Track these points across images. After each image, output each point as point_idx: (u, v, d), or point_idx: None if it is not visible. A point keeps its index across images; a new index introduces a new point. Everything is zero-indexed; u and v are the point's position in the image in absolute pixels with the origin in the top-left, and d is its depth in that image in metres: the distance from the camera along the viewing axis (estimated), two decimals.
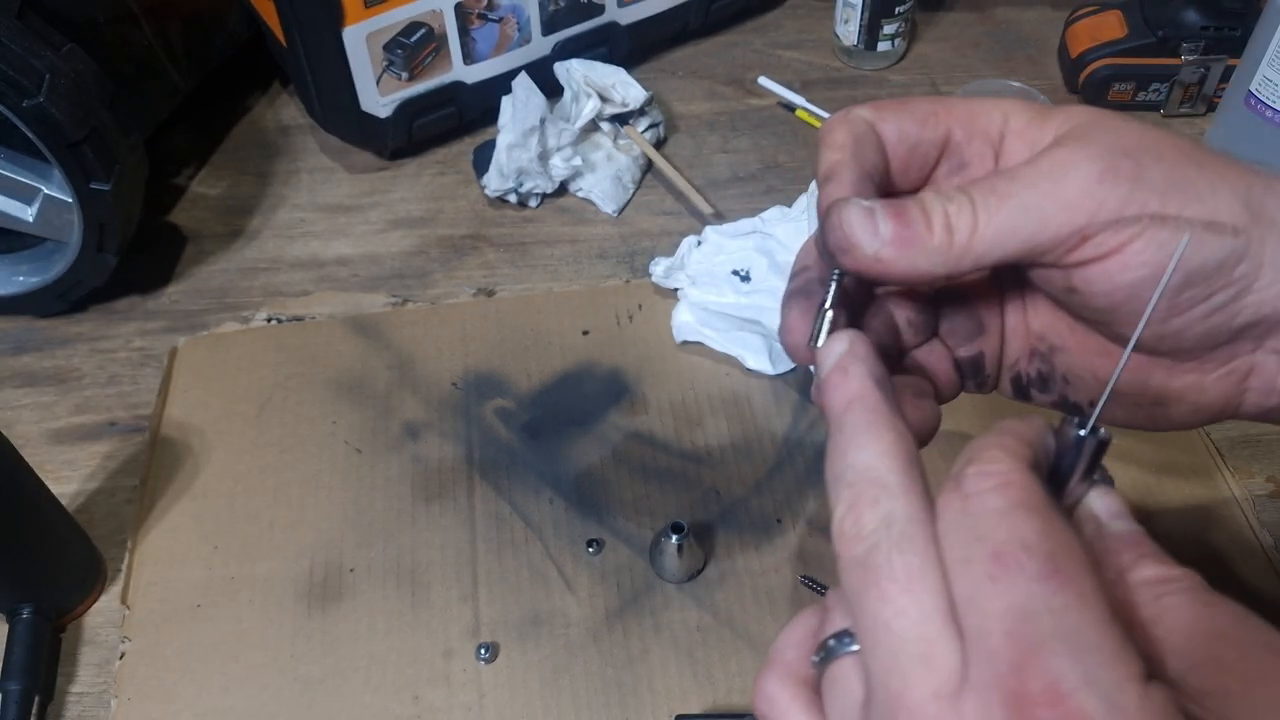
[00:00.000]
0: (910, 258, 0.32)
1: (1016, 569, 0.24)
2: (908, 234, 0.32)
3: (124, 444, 0.69)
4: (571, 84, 0.84)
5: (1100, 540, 0.29)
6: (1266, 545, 0.62)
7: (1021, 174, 0.32)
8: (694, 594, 0.61)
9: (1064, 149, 0.32)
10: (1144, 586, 0.27)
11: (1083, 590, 0.24)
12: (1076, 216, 0.31)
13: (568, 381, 0.71)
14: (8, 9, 0.65)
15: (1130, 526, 0.29)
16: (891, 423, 0.30)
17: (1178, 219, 0.31)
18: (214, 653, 0.59)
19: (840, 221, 0.33)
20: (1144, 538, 0.29)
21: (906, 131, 0.35)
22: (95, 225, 0.71)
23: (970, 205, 0.32)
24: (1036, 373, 0.38)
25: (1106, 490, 0.30)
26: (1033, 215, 0.32)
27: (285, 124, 0.93)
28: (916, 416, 0.36)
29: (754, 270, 0.72)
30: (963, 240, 0.32)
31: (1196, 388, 0.35)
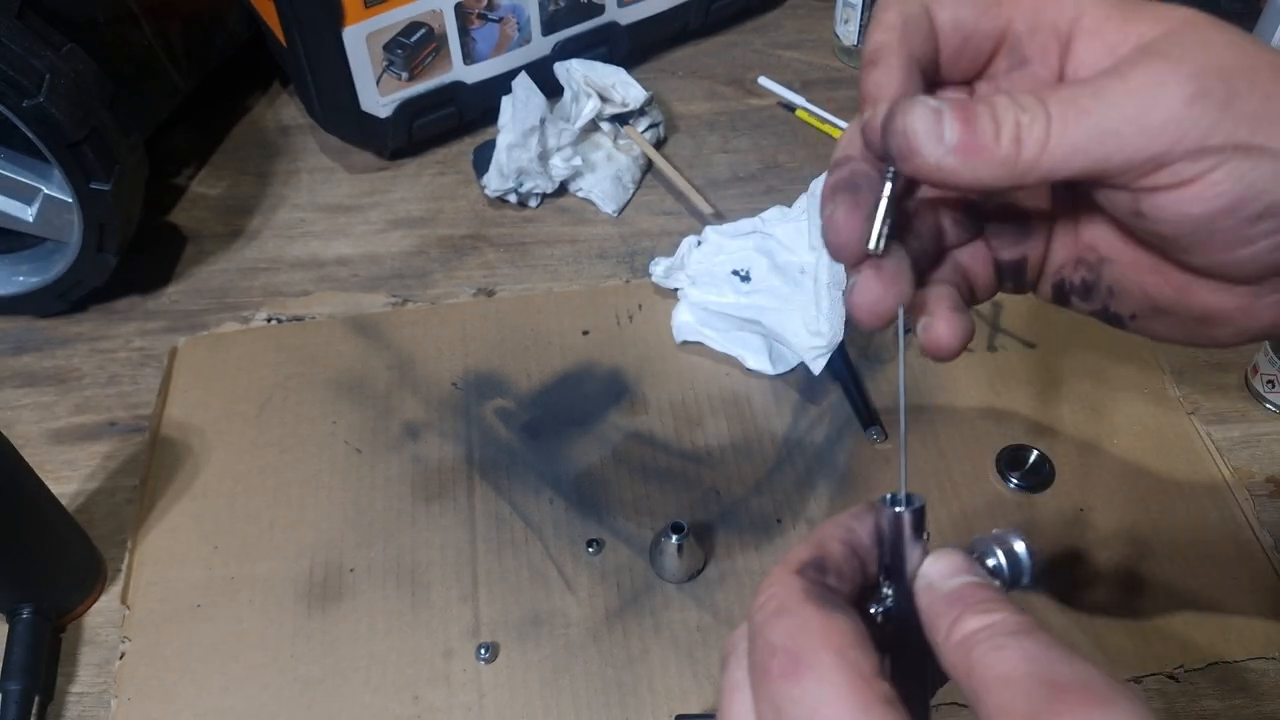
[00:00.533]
0: (974, 168, 0.30)
1: (766, 672, 0.28)
2: (975, 143, 0.30)
3: (124, 444, 0.69)
4: (571, 84, 0.84)
5: (933, 602, 0.30)
6: (1266, 545, 0.62)
7: (1105, 88, 0.30)
8: (694, 594, 0.61)
9: (1152, 65, 0.30)
10: (964, 642, 0.28)
11: (821, 676, 0.27)
12: (1157, 142, 0.29)
13: (568, 381, 0.71)
14: (8, 9, 0.65)
15: (959, 582, 0.30)
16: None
17: (1263, 150, 0.29)
18: (214, 653, 0.59)
19: (905, 125, 0.31)
20: (969, 589, 0.30)
21: (962, 19, 0.33)
22: (95, 225, 0.71)
23: (1045, 117, 0.30)
24: (1081, 281, 0.37)
25: (939, 554, 0.31)
26: (1110, 137, 0.29)
27: (285, 124, 0.93)
28: (948, 332, 0.35)
29: (754, 270, 0.72)
30: (1031, 155, 0.30)
31: (1247, 311, 0.33)
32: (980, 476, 0.65)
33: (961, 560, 0.31)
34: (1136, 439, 0.67)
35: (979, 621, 0.28)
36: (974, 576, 0.30)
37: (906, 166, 0.31)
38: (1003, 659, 0.27)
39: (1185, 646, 0.58)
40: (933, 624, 0.30)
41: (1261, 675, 0.57)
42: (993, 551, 0.32)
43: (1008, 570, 0.32)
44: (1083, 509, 0.64)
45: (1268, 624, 0.58)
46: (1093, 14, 0.32)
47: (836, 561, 0.31)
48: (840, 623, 0.29)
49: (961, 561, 0.31)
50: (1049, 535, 0.62)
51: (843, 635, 0.28)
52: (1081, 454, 0.66)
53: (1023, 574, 0.32)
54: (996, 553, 0.32)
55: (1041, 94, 0.30)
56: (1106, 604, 0.59)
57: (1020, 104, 0.30)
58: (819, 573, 0.31)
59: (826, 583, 0.31)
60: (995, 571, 0.32)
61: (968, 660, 0.28)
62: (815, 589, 0.30)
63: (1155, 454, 0.66)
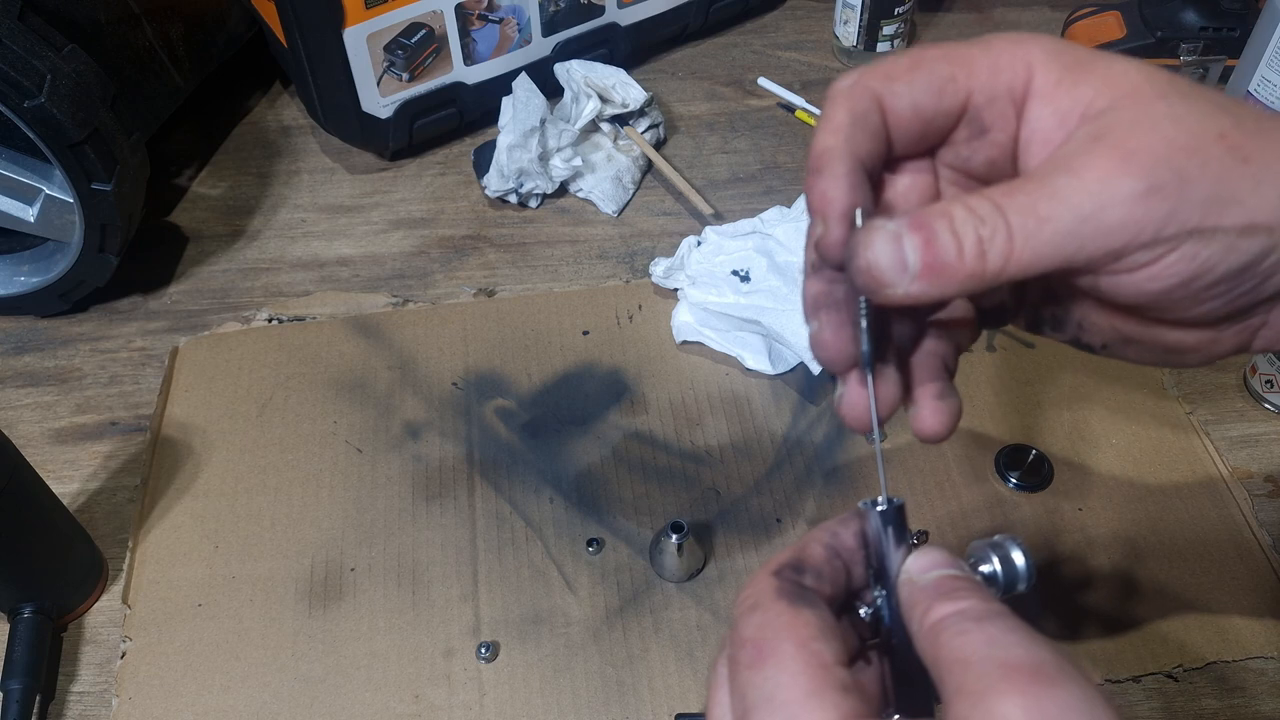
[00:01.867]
0: (941, 286, 0.31)
1: (736, 663, 0.30)
2: (939, 264, 0.30)
3: (125, 444, 0.69)
4: (572, 85, 0.84)
5: (912, 594, 0.31)
6: (1265, 545, 0.62)
7: (1061, 191, 0.30)
8: (694, 593, 0.61)
9: (1103, 159, 0.30)
10: (933, 627, 0.29)
11: (781, 664, 0.29)
12: (1114, 240, 0.30)
13: (568, 381, 0.71)
14: (9, 10, 0.65)
15: (936, 574, 0.31)
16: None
17: (1214, 230, 0.30)
18: (215, 652, 0.59)
19: (868, 262, 0.31)
20: (945, 580, 0.31)
21: (921, 105, 0.33)
22: (96, 225, 0.71)
23: (1006, 229, 0.30)
24: (1052, 315, 0.38)
25: (921, 551, 0.32)
26: (1069, 240, 0.30)
27: (286, 124, 0.93)
28: (935, 421, 0.36)
29: (754, 270, 0.72)
30: (996, 266, 0.31)
31: (1212, 341, 0.35)
32: (980, 476, 0.65)
33: (941, 555, 0.32)
34: (1135, 439, 0.67)
35: (949, 607, 0.29)
36: (952, 569, 0.31)
37: (876, 299, 0.32)
38: (964, 642, 0.28)
39: (1184, 646, 0.58)
40: (909, 614, 0.31)
41: (1260, 675, 0.57)
42: (988, 557, 0.33)
43: (1002, 577, 0.32)
44: (1081, 508, 0.64)
45: (1266, 623, 0.59)
46: (1043, 75, 0.33)
47: (816, 563, 0.33)
48: (805, 616, 0.30)
49: (941, 557, 0.32)
50: (1048, 535, 0.62)
51: (806, 627, 0.30)
52: (1080, 454, 0.66)
53: (1018, 580, 0.33)
54: (992, 559, 0.33)
55: (999, 200, 0.31)
56: (1105, 603, 0.60)
57: (979, 215, 0.30)
58: (796, 572, 0.32)
59: (803, 582, 0.32)
60: (990, 577, 0.33)
61: (935, 645, 0.29)
62: (788, 587, 0.31)
63: (1154, 454, 0.66)
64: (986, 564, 0.33)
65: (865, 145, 0.33)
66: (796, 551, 0.33)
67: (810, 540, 0.33)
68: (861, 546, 0.33)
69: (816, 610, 0.31)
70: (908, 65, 0.33)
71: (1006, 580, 0.32)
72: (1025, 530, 0.63)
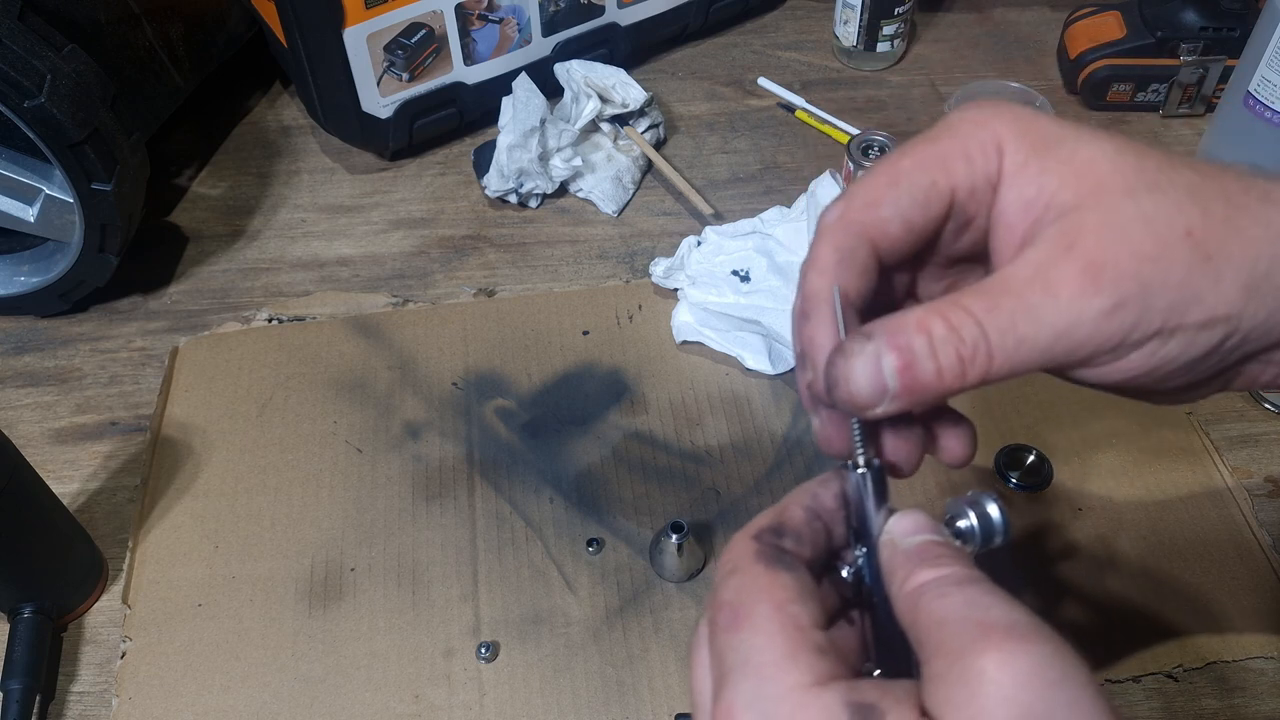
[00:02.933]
0: (921, 399, 0.32)
1: (714, 625, 0.31)
2: (918, 383, 0.31)
3: (125, 444, 0.69)
4: (572, 85, 0.84)
5: (893, 558, 0.31)
6: (1265, 545, 0.62)
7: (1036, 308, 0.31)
8: (694, 593, 0.61)
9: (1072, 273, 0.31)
10: (914, 591, 0.30)
11: (758, 626, 0.30)
12: (1083, 349, 0.32)
13: (568, 381, 0.71)
14: (9, 10, 0.65)
15: (919, 539, 0.31)
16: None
17: (1176, 328, 0.32)
18: (215, 652, 0.59)
19: (850, 392, 0.32)
20: (928, 546, 0.31)
21: (911, 220, 0.34)
22: (96, 225, 0.71)
23: (987, 348, 0.31)
24: None
25: (902, 514, 0.32)
26: (1044, 354, 0.32)
27: (286, 124, 0.93)
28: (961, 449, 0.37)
29: (754, 270, 0.72)
30: (976, 378, 0.32)
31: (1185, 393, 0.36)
32: (979, 476, 0.65)
33: (924, 519, 0.32)
34: (1135, 439, 0.67)
35: (930, 574, 0.30)
36: (934, 535, 0.32)
37: (864, 419, 0.33)
38: (944, 604, 0.29)
39: (1184, 646, 0.58)
40: (890, 578, 0.31)
41: (1260, 675, 0.57)
42: (965, 513, 0.33)
43: (979, 530, 0.33)
44: (1081, 509, 0.64)
45: (1266, 623, 0.59)
46: (1011, 156, 0.33)
47: (796, 525, 0.33)
48: (783, 579, 0.31)
49: (924, 521, 0.32)
50: (1048, 535, 0.62)
51: (784, 590, 0.30)
52: (1080, 454, 0.66)
53: (995, 533, 0.33)
54: (969, 514, 0.33)
55: (981, 317, 0.31)
56: (1105, 603, 0.60)
57: (961, 333, 0.31)
58: (775, 536, 0.33)
59: (782, 545, 0.32)
60: (967, 532, 0.33)
61: (914, 608, 0.29)
62: (766, 550, 0.32)
63: (1154, 454, 0.66)
64: (963, 519, 0.33)
65: (854, 283, 0.34)
66: (776, 514, 0.34)
67: (790, 503, 0.34)
68: (842, 507, 0.34)
69: (794, 573, 0.31)
70: (886, 183, 0.34)
71: (984, 534, 0.33)
72: (1025, 530, 0.63)
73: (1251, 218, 0.32)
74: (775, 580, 0.31)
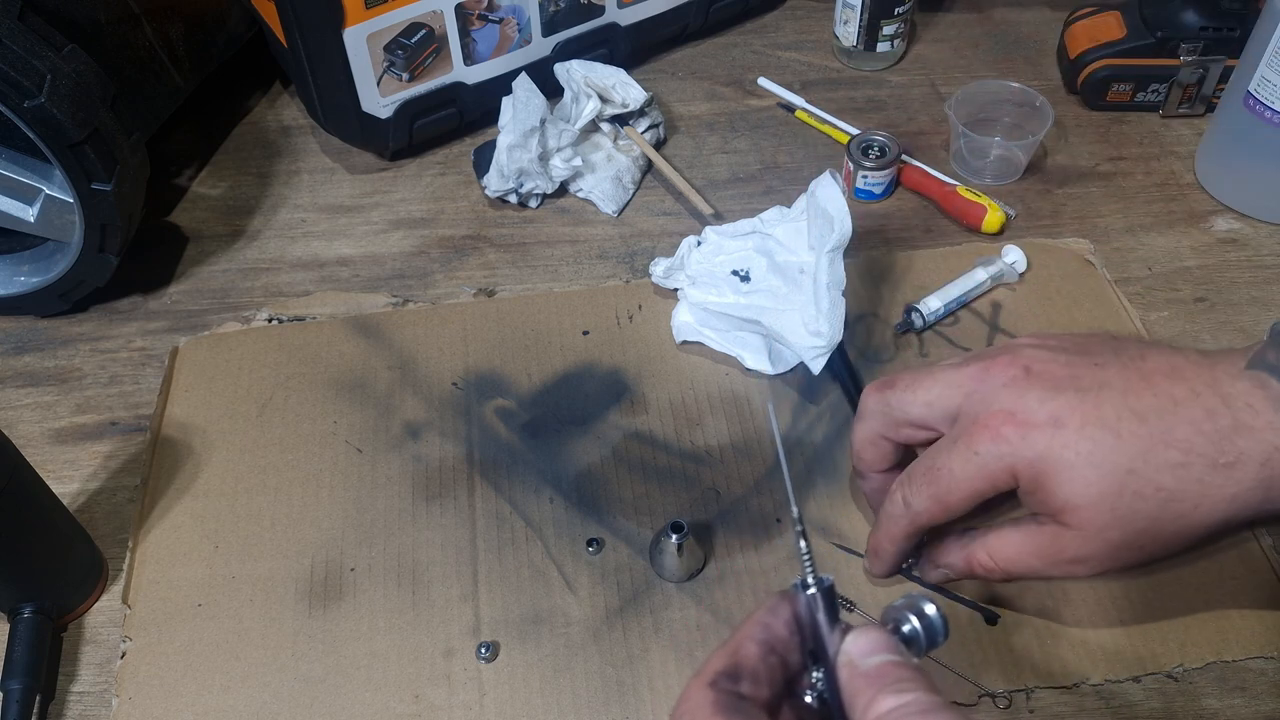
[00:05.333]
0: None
1: None
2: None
3: (125, 444, 0.69)
4: (572, 85, 0.84)
5: (853, 680, 0.32)
6: (1265, 545, 0.62)
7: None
8: (694, 593, 0.61)
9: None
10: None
11: None
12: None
13: (568, 381, 0.71)
14: (9, 10, 0.65)
15: (878, 660, 0.32)
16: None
17: None
18: (215, 652, 0.59)
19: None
20: (889, 667, 0.31)
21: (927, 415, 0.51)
22: (96, 225, 0.71)
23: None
24: None
25: (860, 632, 0.33)
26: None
27: (286, 124, 0.93)
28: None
29: (754, 270, 0.72)
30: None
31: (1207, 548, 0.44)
32: None
33: (880, 638, 0.32)
34: None
35: (893, 701, 0.30)
36: (893, 655, 0.32)
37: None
38: None
39: (1184, 646, 0.58)
40: (852, 701, 0.31)
41: (1260, 675, 0.57)
42: (906, 618, 0.34)
43: (923, 635, 0.34)
44: None
45: (1266, 623, 0.59)
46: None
47: (752, 665, 0.33)
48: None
49: (881, 639, 0.32)
50: None
51: None
52: None
53: (937, 635, 0.34)
54: (910, 619, 0.34)
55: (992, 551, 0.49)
56: (1105, 603, 0.59)
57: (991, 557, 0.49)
58: (732, 681, 0.32)
59: (739, 691, 0.32)
60: (911, 637, 0.34)
61: None
62: (724, 699, 0.32)
63: None
64: (905, 624, 0.34)
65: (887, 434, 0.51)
66: (729, 655, 0.33)
67: (743, 639, 0.34)
68: (795, 633, 0.34)
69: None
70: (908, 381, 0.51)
71: (927, 638, 0.34)
72: None
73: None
74: None
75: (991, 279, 0.75)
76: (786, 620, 0.34)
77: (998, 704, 0.56)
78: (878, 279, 0.77)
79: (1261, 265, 0.77)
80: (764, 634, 0.34)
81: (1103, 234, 0.80)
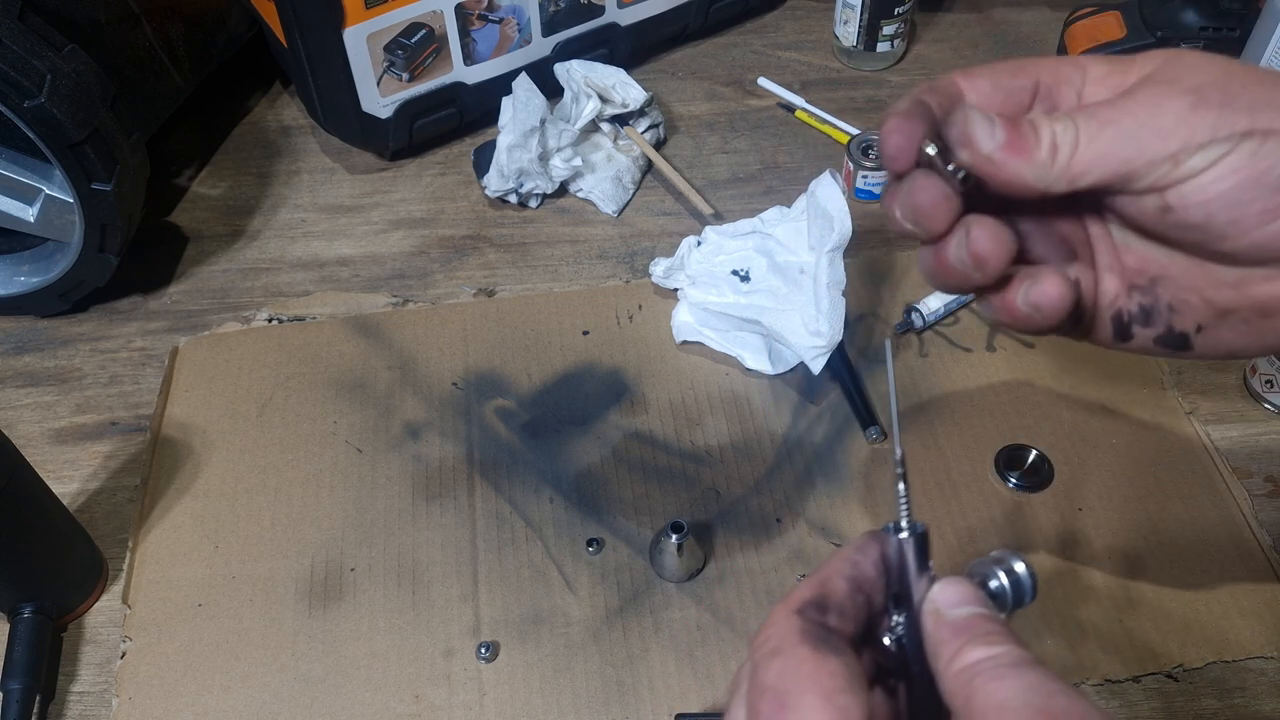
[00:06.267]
0: (1017, 165, 0.35)
1: (756, 713, 0.30)
2: (1019, 142, 0.35)
3: (125, 444, 0.69)
4: (572, 85, 0.84)
5: (939, 629, 0.31)
6: (1265, 545, 0.62)
7: (1121, 104, 0.35)
8: (694, 593, 0.61)
9: (1155, 86, 0.35)
10: (965, 670, 0.29)
11: (804, 713, 0.29)
12: (1171, 142, 0.33)
13: (568, 381, 0.71)
14: (9, 10, 0.65)
15: (966, 612, 0.31)
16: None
17: (1267, 131, 0.33)
18: (215, 652, 0.59)
19: (964, 119, 0.36)
20: (977, 620, 0.30)
21: (1000, 81, 0.38)
22: (96, 225, 0.71)
23: (1074, 128, 0.35)
24: (1139, 307, 0.39)
25: (948, 582, 0.32)
26: (1130, 141, 0.34)
27: (286, 124, 0.93)
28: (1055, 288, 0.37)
29: (754, 270, 0.72)
30: (1065, 157, 0.35)
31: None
32: (979, 476, 0.65)
33: (969, 590, 0.31)
34: (1135, 439, 0.67)
35: (982, 652, 0.29)
36: (980, 607, 0.31)
37: (965, 154, 0.36)
38: (1002, 688, 0.28)
39: (1184, 646, 0.58)
40: (936, 651, 0.30)
41: (1260, 675, 0.57)
42: (995, 574, 0.33)
43: (1010, 592, 0.32)
44: (1081, 509, 0.64)
45: (1266, 624, 0.59)
46: (1095, 69, 0.37)
47: (839, 599, 0.32)
48: (831, 665, 0.29)
49: (969, 591, 0.31)
50: (1048, 535, 0.62)
51: (832, 678, 0.29)
52: (1080, 454, 0.66)
53: (1025, 594, 0.33)
54: (999, 574, 0.33)
55: (1070, 112, 0.35)
56: (1105, 603, 0.60)
57: (1053, 120, 0.35)
58: (819, 612, 0.31)
59: (826, 622, 0.31)
60: (998, 594, 0.33)
61: (968, 688, 0.28)
62: (812, 629, 0.31)
63: (1154, 454, 0.66)
64: (993, 580, 0.33)
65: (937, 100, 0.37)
66: (819, 586, 0.32)
67: (832, 573, 0.33)
68: (882, 574, 0.33)
69: (843, 658, 0.30)
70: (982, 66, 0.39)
71: (1015, 595, 0.33)
72: (1025, 530, 0.63)
73: None
74: (823, 666, 0.29)
75: None
76: (875, 561, 0.33)
77: None
78: (878, 279, 0.77)
79: None
80: (852, 570, 0.33)
81: None
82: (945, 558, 0.61)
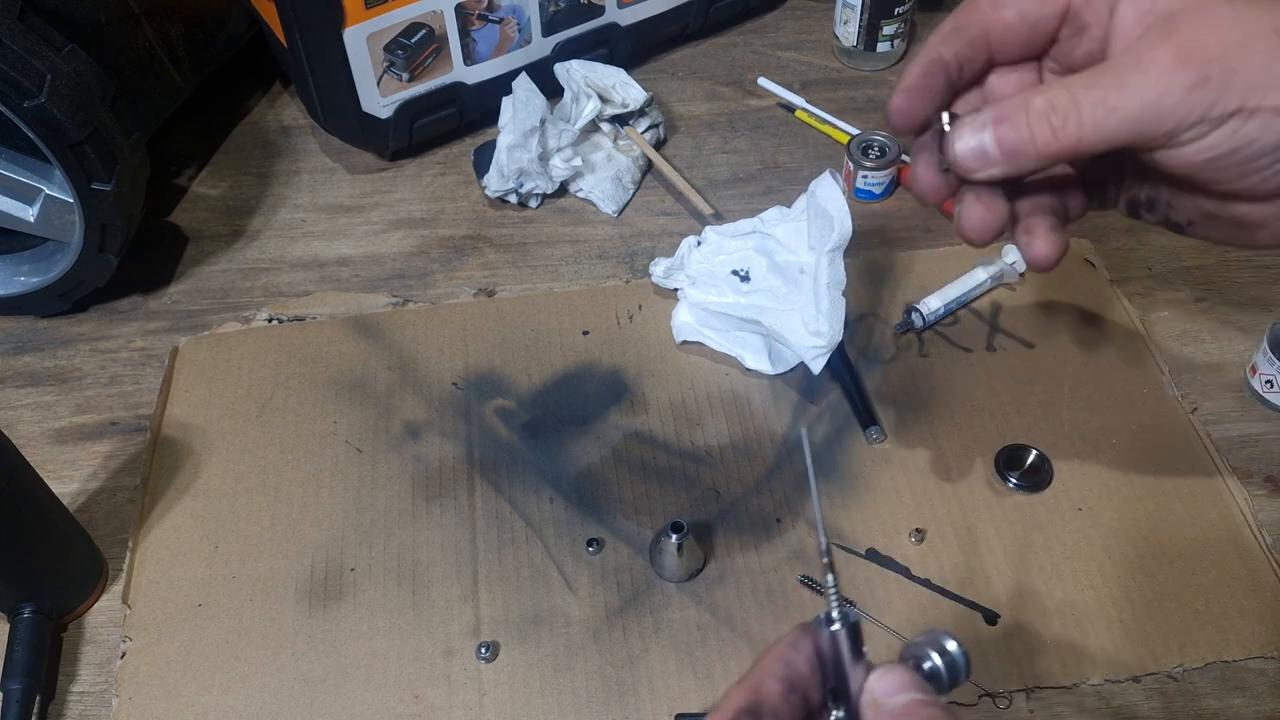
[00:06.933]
0: (1019, 164, 0.38)
1: None
2: (1015, 149, 0.38)
3: (125, 444, 0.69)
4: (572, 85, 0.84)
5: (879, 719, 0.31)
6: (1265, 545, 0.62)
7: (1128, 83, 0.36)
8: (694, 593, 0.61)
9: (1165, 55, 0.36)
10: None
11: None
12: (1168, 123, 0.36)
13: (568, 381, 0.71)
14: (9, 10, 0.65)
15: (905, 699, 0.31)
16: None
17: (1255, 109, 0.35)
18: (215, 652, 0.59)
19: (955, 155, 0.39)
20: (915, 706, 0.31)
21: (1027, 11, 0.40)
22: (96, 225, 0.71)
23: (1077, 114, 0.37)
24: (1146, 198, 0.43)
25: (884, 670, 0.32)
26: (1131, 124, 0.36)
27: (286, 124, 0.93)
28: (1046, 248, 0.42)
29: (754, 270, 0.72)
30: (1070, 143, 0.37)
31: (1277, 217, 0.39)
32: (979, 476, 0.65)
33: (905, 675, 0.32)
34: (1135, 439, 0.67)
35: None
36: (918, 692, 0.31)
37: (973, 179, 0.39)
38: None
39: (1184, 646, 0.58)
40: None
41: (1260, 675, 0.57)
42: (928, 655, 0.33)
43: (945, 672, 0.33)
44: (1081, 509, 0.64)
45: (1266, 623, 0.59)
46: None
47: (774, 703, 0.32)
48: None
49: (906, 676, 0.31)
50: (1048, 535, 0.62)
51: None
52: (1080, 454, 0.66)
53: (960, 673, 0.33)
54: (931, 655, 0.33)
55: (1077, 94, 0.37)
56: (1105, 603, 0.60)
57: (1055, 106, 0.37)
58: (753, 719, 0.31)
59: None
60: (933, 675, 0.33)
61: None
62: None
63: (1154, 454, 0.66)
64: (927, 661, 0.33)
65: (958, 46, 0.40)
66: (751, 693, 0.32)
67: (764, 675, 0.32)
68: (816, 670, 0.33)
69: None
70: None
71: (949, 675, 0.33)
72: (1025, 530, 0.63)
73: None
74: None
75: (991, 279, 0.75)
76: (808, 656, 0.33)
77: (998, 704, 0.56)
78: (878, 279, 0.77)
79: (1261, 265, 0.77)
80: (785, 670, 0.32)
81: (1103, 234, 0.80)
82: (946, 560, 0.62)
